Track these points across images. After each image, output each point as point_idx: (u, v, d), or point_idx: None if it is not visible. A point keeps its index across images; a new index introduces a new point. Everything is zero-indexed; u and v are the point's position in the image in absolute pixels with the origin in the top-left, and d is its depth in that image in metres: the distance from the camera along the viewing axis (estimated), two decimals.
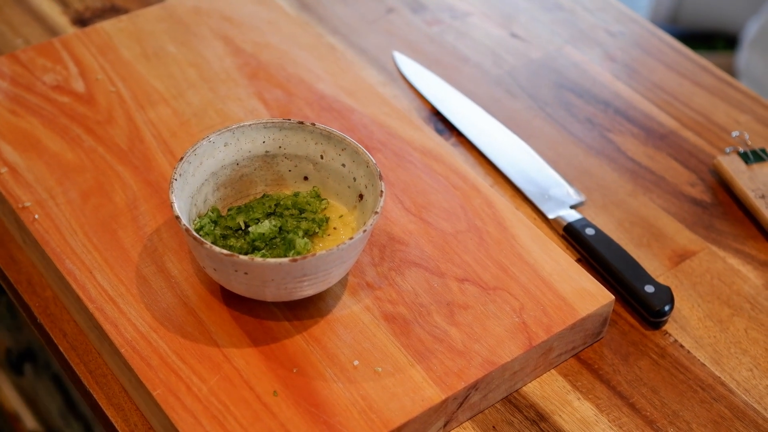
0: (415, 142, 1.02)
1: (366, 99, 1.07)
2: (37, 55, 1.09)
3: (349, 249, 0.82)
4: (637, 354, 0.91)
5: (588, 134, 1.12)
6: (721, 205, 1.05)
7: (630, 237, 1.01)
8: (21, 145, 0.99)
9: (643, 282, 0.93)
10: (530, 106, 1.15)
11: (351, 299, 0.88)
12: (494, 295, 0.89)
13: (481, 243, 0.93)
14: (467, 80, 1.18)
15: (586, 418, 0.86)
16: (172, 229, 0.92)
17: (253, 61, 1.11)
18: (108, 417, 0.85)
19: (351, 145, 0.89)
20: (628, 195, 1.05)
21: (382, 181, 0.85)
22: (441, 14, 1.28)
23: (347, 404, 0.81)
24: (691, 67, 1.22)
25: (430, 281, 0.90)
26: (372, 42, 1.22)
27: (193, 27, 1.15)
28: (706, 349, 0.92)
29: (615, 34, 1.27)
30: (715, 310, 0.95)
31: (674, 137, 1.13)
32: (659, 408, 0.87)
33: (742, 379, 0.90)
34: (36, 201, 0.94)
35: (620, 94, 1.18)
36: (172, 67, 1.09)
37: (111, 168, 0.97)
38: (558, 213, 1.01)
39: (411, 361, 0.84)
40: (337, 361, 0.83)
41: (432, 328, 0.86)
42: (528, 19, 1.28)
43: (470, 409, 0.85)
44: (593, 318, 0.89)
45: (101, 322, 0.85)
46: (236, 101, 1.06)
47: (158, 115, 1.03)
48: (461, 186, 0.98)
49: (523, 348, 0.85)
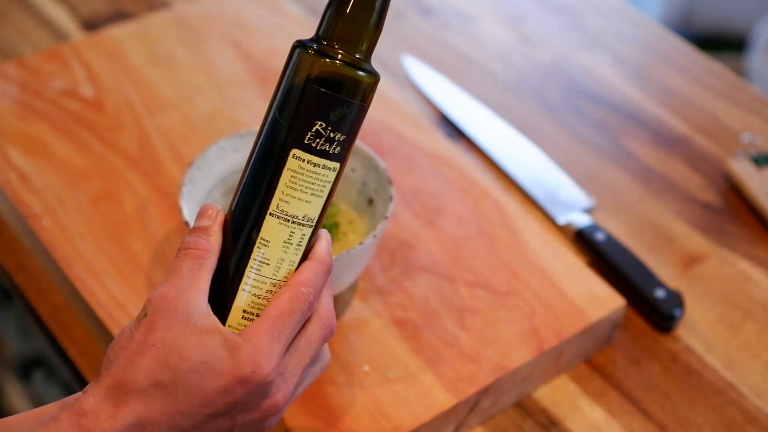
0: (424, 146, 1.02)
1: (375, 103, 1.06)
2: (45, 61, 1.09)
3: (359, 254, 0.81)
4: (648, 359, 0.91)
5: (598, 138, 1.12)
6: (732, 209, 1.05)
7: (640, 241, 1.01)
8: (30, 151, 0.99)
9: (653, 286, 0.93)
10: (540, 110, 1.15)
11: (361, 304, 0.88)
12: (505, 300, 0.89)
13: (491, 248, 0.93)
14: (476, 84, 1.17)
15: (597, 423, 0.86)
16: (182, 235, 0.91)
17: (262, 66, 1.11)
18: None
19: (361, 150, 0.88)
20: (638, 199, 1.05)
21: (392, 186, 0.85)
22: (450, 18, 1.27)
23: (358, 409, 0.80)
24: (702, 70, 1.22)
25: (440, 286, 0.89)
26: (381, 46, 1.21)
27: (201, 32, 1.15)
28: (718, 353, 0.92)
29: (625, 38, 1.26)
30: (727, 314, 0.95)
31: (685, 141, 1.12)
32: (670, 413, 0.87)
33: (753, 384, 0.89)
34: (45, 207, 0.94)
35: (630, 98, 1.17)
36: (181, 73, 1.09)
37: (120, 174, 0.97)
38: (568, 218, 1.01)
39: (421, 366, 0.83)
40: (347, 367, 0.83)
41: (442, 333, 0.86)
42: (537, 23, 1.28)
43: (481, 414, 0.85)
44: (604, 323, 0.89)
45: (111, 328, 0.85)
46: (245, 106, 1.06)
47: (167, 120, 1.03)
48: (471, 191, 0.98)
49: (533, 353, 0.85)
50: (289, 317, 0.64)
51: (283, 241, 0.66)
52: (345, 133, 0.66)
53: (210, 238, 0.66)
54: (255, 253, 0.66)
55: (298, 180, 0.65)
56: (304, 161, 0.65)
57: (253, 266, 0.66)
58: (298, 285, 0.65)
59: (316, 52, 0.65)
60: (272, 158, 0.65)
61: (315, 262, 0.67)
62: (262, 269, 0.66)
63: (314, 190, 0.66)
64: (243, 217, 0.66)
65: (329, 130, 0.65)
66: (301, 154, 0.65)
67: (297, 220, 0.66)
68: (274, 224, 0.66)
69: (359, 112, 0.67)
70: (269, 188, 0.65)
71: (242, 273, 0.66)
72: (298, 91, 0.65)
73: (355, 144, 0.82)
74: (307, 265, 0.66)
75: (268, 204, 0.65)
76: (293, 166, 0.65)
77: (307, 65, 0.65)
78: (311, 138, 0.65)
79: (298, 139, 0.65)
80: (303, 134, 0.65)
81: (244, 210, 0.66)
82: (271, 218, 0.65)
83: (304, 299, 0.65)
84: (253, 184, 0.66)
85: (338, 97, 0.65)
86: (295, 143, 0.65)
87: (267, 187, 0.65)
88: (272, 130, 0.66)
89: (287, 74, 0.66)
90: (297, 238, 0.66)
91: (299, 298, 0.65)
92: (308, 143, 0.65)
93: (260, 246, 0.66)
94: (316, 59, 0.65)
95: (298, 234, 0.66)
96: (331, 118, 0.65)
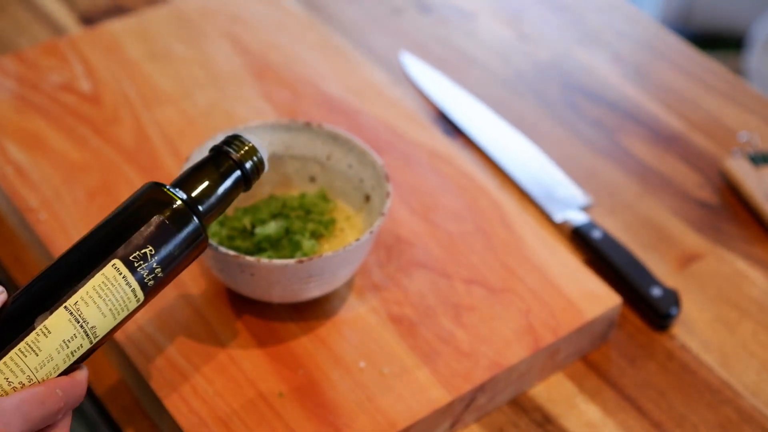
0: (422, 143, 1.02)
1: (373, 100, 1.07)
2: (42, 55, 1.09)
3: (356, 250, 0.81)
4: (644, 357, 0.91)
5: (596, 136, 1.12)
6: (729, 208, 1.05)
7: (637, 239, 1.01)
8: (27, 144, 0.99)
9: (650, 284, 0.93)
10: (538, 107, 1.15)
11: (357, 300, 0.88)
12: (501, 296, 0.89)
13: (488, 245, 0.93)
14: (474, 81, 1.17)
15: (592, 421, 0.86)
16: None
17: (260, 62, 1.10)
18: (113, 418, 0.85)
19: (358, 146, 0.88)
20: (635, 197, 1.05)
21: (389, 183, 0.85)
22: (448, 15, 1.27)
23: (353, 406, 0.80)
24: (700, 68, 1.22)
25: (436, 283, 0.89)
26: (379, 42, 1.22)
27: (200, 27, 1.15)
28: (714, 352, 0.92)
29: (623, 36, 1.26)
30: (723, 313, 0.95)
31: (682, 139, 1.12)
32: (666, 411, 0.87)
33: (749, 382, 0.90)
34: (42, 201, 0.94)
35: (628, 96, 1.17)
36: (179, 67, 1.09)
37: (117, 168, 0.97)
38: (565, 215, 1.01)
39: (417, 362, 0.83)
40: (343, 363, 0.83)
41: (438, 330, 0.86)
42: (536, 20, 1.28)
43: (476, 411, 0.85)
44: (600, 320, 0.89)
45: None
46: (243, 101, 1.06)
47: (165, 115, 1.03)
48: (468, 187, 0.98)
49: (529, 350, 0.85)
50: (40, 406, 0.62)
51: (62, 339, 0.64)
52: (164, 271, 0.68)
53: None
54: (31, 338, 0.63)
55: (106, 289, 0.65)
56: (120, 275, 0.65)
57: (21, 349, 0.63)
58: (55, 385, 0.63)
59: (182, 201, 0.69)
60: (92, 256, 0.65)
61: (76, 380, 0.65)
62: (28, 357, 0.63)
63: (114, 307, 0.66)
64: (35, 297, 0.64)
65: (155, 259, 0.67)
66: (121, 266, 0.65)
67: (85, 327, 0.65)
68: (63, 319, 0.64)
69: (182, 261, 0.69)
70: (76, 282, 0.65)
71: (6, 351, 0.63)
72: (149, 212, 0.67)
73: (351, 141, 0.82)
74: (68, 378, 0.65)
75: (68, 297, 0.64)
76: (109, 273, 0.65)
77: (168, 199, 0.69)
78: (137, 257, 0.66)
79: (125, 251, 0.66)
80: (132, 250, 0.66)
81: (40, 291, 0.65)
82: (63, 311, 0.64)
83: (57, 400, 0.63)
84: (60, 268, 0.65)
85: (178, 235, 0.68)
86: (120, 255, 0.66)
87: (74, 280, 0.65)
88: (106, 231, 0.67)
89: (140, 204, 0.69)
90: (75, 345, 0.65)
91: (53, 396, 0.63)
92: (132, 260, 0.66)
93: (39, 333, 0.63)
94: (173, 199, 0.69)
95: (78, 341, 0.65)
96: (162, 251, 0.67)
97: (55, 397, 0.63)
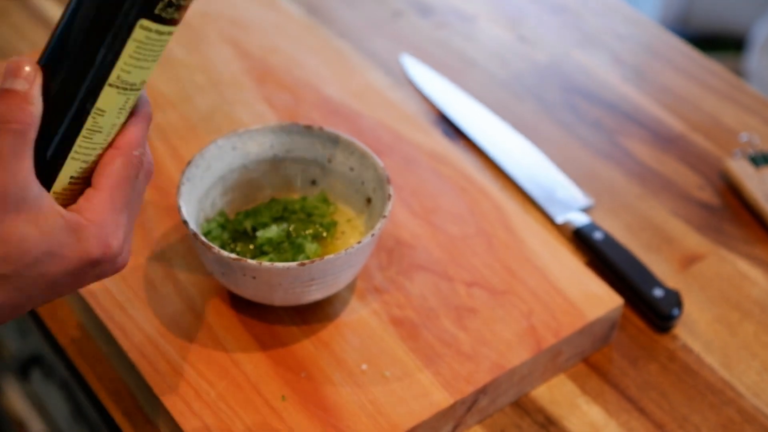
0: (422, 145, 1.02)
1: (373, 103, 1.07)
2: None
3: (357, 253, 0.81)
4: (646, 358, 0.91)
5: (596, 138, 1.12)
6: (730, 209, 1.05)
7: (638, 241, 1.01)
8: None
9: (651, 286, 0.93)
10: (538, 109, 1.15)
11: (359, 303, 0.88)
12: (503, 299, 0.89)
13: (489, 247, 0.93)
14: (474, 84, 1.17)
15: (595, 422, 0.86)
16: (180, 234, 0.91)
17: (260, 65, 1.11)
18: (116, 422, 0.85)
19: (359, 149, 0.88)
20: (636, 198, 1.05)
21: (390, 185, 0.85)
22: (448, 18, 1.27)
23: (355, 408, 0.80)
24: (700, 69, 1.22)
25: (438, 285, 0.89)
26: (379, 45, 1.22)
27: (200, 31, 1.15)
28: (716, 353, 0.92)
29: (623, 37, 1.26)
30: (724, 314, 0.95)
31: (683, 140, 1.12)
32: (668, 412, 0.87)
33: (751, 383, 0.90)
34: None
35: (628, 98, 1.17)
36: (180, 71, 1.09)
37: None
38: (566, 217, 1.01)
39: (419, 365, 0.83)
40: (345, 366, 0.83)
41: (440, 332, 0.86)
42: (535, 22, 1.28)
43: (479, 413, 0.85)
44: (602, 322, 0.89)
45: (109, 327, 0.85)
46: (244, 105, 1.06)
47: (166, 119, 1.03)
48: (469, 190, 0.98)
49: (531, 352, 0.85)
50: (126, 184, 0.62)
51: (118, 108, 0.63)
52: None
53: (30, 107, 0.59)
54: (89, 123, 0.62)
55: (143, 50, 0.62)
56: (152, 31, 0.62)
57: (85, 135, 0.62)
58: (129, 148, 0.63)
59: None
60: (114, 28, 0.61)
61: (140, 117, 0.64)
62: (94, 137, 0.63)
63: (153, 57, 0.63)
64: (73, 87, 0.61)
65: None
66: (150, 24, 0.61)
67: (134, 87, 0.63)
68: (112, 94, 0.62)
69: None
70: (110, 60, 0.61)
71: (72, 142, 0.62)
72: None
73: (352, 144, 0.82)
74: (134, 125, 0.64)
75: (107, 75, 0.62)
76: (140, 36, 0.61)
77: None
78: (162, 7, 0.61)
79: (148, 8, 0.60)
80: (155, 3, 0.61)
81: (75, 79, 0.61)
82: (110, 89, 0.62)
83: (137, 162, 0.63)
84: (86, 52, 0.61)
85: None
86: (144, 13, 0.61)
87: (106, 59, 0.61)
88: (110, 1, 0.61)
89: None
90: (131, 103, 0.64)
91: (132, 162, 0.63)
92: (158, 13, 0.61)
93: (95, 116, 0.62)
94: None
95: (132, 99, 0.64)
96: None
97: (134, 159, 0.63)
